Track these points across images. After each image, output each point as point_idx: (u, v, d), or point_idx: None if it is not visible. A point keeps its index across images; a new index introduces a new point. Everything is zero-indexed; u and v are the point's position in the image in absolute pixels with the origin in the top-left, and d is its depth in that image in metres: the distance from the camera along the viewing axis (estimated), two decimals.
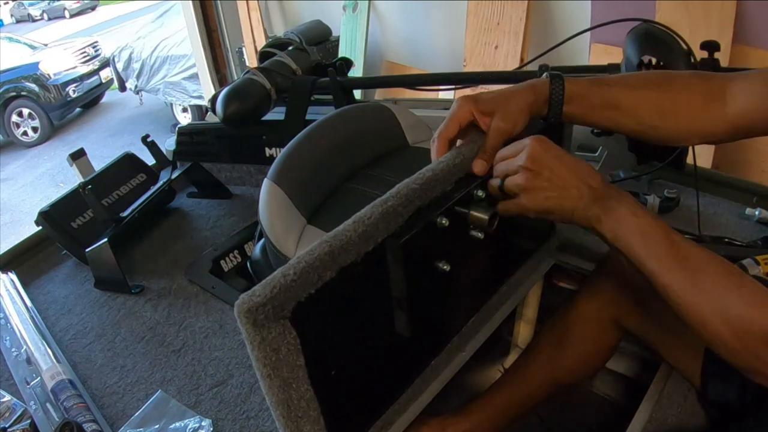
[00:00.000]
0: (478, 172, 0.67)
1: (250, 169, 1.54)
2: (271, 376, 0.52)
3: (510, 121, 0.67)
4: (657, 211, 1.17)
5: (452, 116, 0.69)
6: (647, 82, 0.72)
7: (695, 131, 0.70)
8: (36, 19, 12.31)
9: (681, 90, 0.70)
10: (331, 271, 0.54)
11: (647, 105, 0.70)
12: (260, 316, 0.49)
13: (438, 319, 0.78)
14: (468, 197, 0.66)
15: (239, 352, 1.00)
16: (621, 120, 0.71)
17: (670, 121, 0.70)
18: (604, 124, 0.73)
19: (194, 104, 5.09)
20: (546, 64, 1.18)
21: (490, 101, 0.68)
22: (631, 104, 0.70)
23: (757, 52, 2.04)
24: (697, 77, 0.71)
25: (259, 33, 3.71)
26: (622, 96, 0.70)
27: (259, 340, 0.50)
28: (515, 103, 0.68)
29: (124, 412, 0.91)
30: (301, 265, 0.51)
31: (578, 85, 0.70)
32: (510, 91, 0.69)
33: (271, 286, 0.49)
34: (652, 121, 0.70)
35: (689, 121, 0.69)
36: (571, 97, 0.69)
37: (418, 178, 0.62)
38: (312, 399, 0.57)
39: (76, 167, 1.26)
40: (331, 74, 1.38)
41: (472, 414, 0.99)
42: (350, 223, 0.56)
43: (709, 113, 0.68)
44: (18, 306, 1.14)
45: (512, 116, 0.67)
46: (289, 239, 0.88)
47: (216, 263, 1.25)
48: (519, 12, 2.61)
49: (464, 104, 0.68)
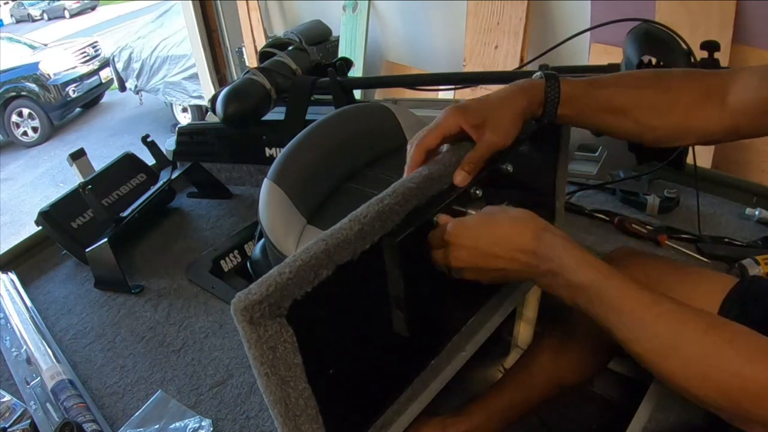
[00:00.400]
0: (458, 184, 0.64)
1: (250, 169, 1.54)
2: (268, 374, 0.52)
3: (501, 134, 0.64)
4: (657, 212, 1.17)
5: (436, 127, 0.65)
6: (643, 81, 0.70)
7: (693, 130, 0.68)
8: (36, 19, 12.31)
9: (678, 88, 0.68)
10: (328, 269, 0.54)
11: (644, 104, 0.68)
12: (256, 314, 0.49)
13: (437, 319, 0.78)
14: (465, 196, 0.65)
15: (239, 352, 1.00)
16: (618, 121, 0.69)
17: (668, 120, 0.68)
18: (600, 126, 0.71)
19: (194, 104, 5.09)
20: (546, 64, 1.18)
21: (480, 111, 0.65)
22: (628, 104, 0.68)
23: (757, 52, 2.04)
24: (694, 75, 0.70)
25: (259, 33, 3.72)
26: (618, 96, 0.68)
27: (255, 338, 0.50)
28: (507, 111, 0.65)
29: (124, 412, 0.91)
30: (297, 263, 0.51)
31: (574, 86, 0.68)
32: (500, 98, 0.66)
33: (267, 284, 0.49)
34: (649, 122, 0.68)
35: (687, 120, 0.68)
36: (567, 99, 0.67)
37: (414, 176, 0.62)
38: (310, 397, 0.57)
39: (76, 167, 1.26)
40: (331, 74, 1.38)
41: (473, 414, 0.99)
42: (346, 222, 0.56)
43: (708, 111, 0.67)
44: (18, 306, 1.14)
45: (504, 127, 0.64)
46: (289, 239, 0.88)
47: (216, 263, 1.25)
48: (519, 12, 2.61)
49: (452, 116, 0.65)
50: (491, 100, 0.66)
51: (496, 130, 0.64)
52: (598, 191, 1.28)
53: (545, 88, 0.67)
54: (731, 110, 0.65)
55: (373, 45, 3.37)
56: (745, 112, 0.64)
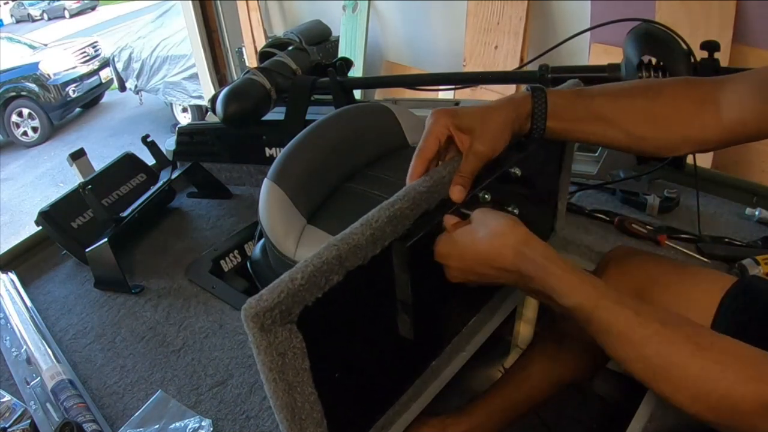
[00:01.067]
0: (456, 200, 0.62)
1: (250, 169, 1.54)
2: (276, 380, 0.52)
3: (488, 143, 0.63)
4: (657, 212, 1.17)
5: (429, 133, 0.65)
6: (634, 90, 0.68)
7: (687, 139, 0.66)
8: (36, 19, 12.31)
9: (670, 97, 0.66)
10: (339, 275, 0.53)
11: (635, 114, 0.66)
12: (267, 321, 0.48)
13: (440, 321, 0.78)
14: (474, 199, 0.65)
15: (239, 352, 1.00)
16: (608, 132, 0.67)
17: (661, 130, 0.66)
18: (591, 138, 0.69)
19: (194, 104, 5.09)
20: (546, 64, 1.18)
21: (468, 117, 0.64)
22: (618, 114, 0.66)
23: (757, 52, 2.04)
24: (686, 83, 0.68)
25: (259, 33, 3.72)
26: (608, 106, 0.66)
27: (265, 345, 0.49)
28: (495, 121, 0.64)
29: (124, 412, 0.91)
30: (309, 269, 0.50)
31: (561, 98, 0.66)
32: (489, 108, 0.65)
33: (278, 290, 0.48)
34: (641, 132, 0.66)
35: (681, 129, 0.66)
36: (555, 111, 0.66)
37: (425, 180, 0.62)
38: (316, 402, 0.57)
39: (76, 167, 1.26)
40: (331, 74, 1.38)
41: (473, 414, 0.99)
42: (358, 226, 0.55)
43: (702, 119, 0.65)
44: (18, 306, 1.14)
45: (491, 137, 0.63)
46: (289, 239, 0.88)
47: (216, 263, 1.25)
48: (519, 12, 2.61)
49: (440, 118, 0.64)
50: (480, 108, 0.65)
51: (483, 140, 0.63)
52: (598, 191, 1.28)
53: (531, 100, 0.65)
54: (728, 118, 0.64)
55: (373, 45, 3.38)
56: (740, 119, 0.63)
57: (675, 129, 0.66)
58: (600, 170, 1.27)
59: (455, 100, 1.48)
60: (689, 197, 1.17)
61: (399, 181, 0.96)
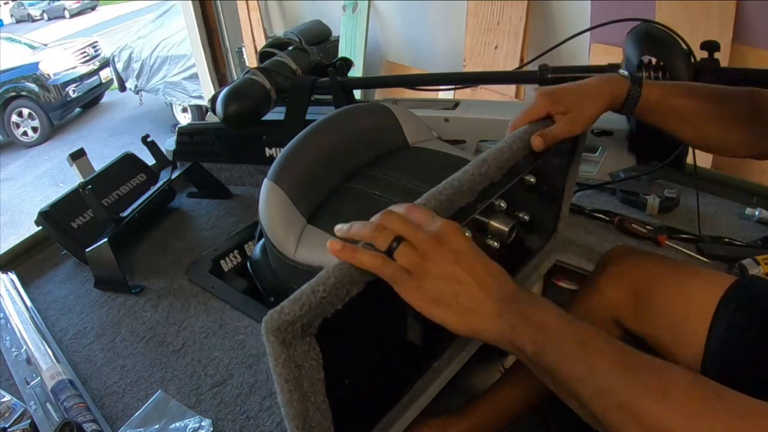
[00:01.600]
0: (536, 148, 0.67)
1: (250, 169, 1.54)
2: (292, 391, 0.51)
3: (580, 125, 0.70)
4: (657, 212, 1.17)
5: (526, 111, 0.71)
6: (709, 94, 0.76)
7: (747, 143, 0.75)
8: (36, 19, 12.32)
9: (735, 102, 0.74)
10: (359, 286, 0.52)
11: (706, 115, 0.74)
12: (289, 335, 0.47)
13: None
14: (490, 208, 0.66)
15: (239, 352, 1.00)
16: (682, 128, 0.75)
17: (724, 131, 0.74)
18: (664, 128, 0.77)
19: (194, 104, 5.09)
20: (546, 64, 1.18)
21: (567, 99, 0.70)
22: (694, 114, 0.74)
23: (757, 52, 2.04)
24: (750, 92, 0.75)
25: (259, 33, 3.72)
26: (690, 106, 0.74)
27: (284, 358, 0.48)
28: (592, 106, 0.71)
29: (124, 412, 0.91)
30: (331, 281, 0.49)
31: (653, 93, 0.73)
32: (588, 90, 0.72)
33: (300, 303, 0.47)
34: (706, 130, 0.75)
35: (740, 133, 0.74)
36: (645, 104, 0.73)
37: (445, 188, 0.61)
38: (326, 410, 0.57)
39: (76, 167, 1.26)
40: (331, 74, 1.38)
41: (473, 414, 0.99)
42: None
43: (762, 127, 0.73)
44: (18, 306, 1.14)
45: (584, 120, 0.70)
46: (289, 239, 0.88)
47: (216, 263, 1.25)
48: (519, 12, 2.61)
49: (540, 101, 0.70)
50: (580, 90, 0.72)
51: (576, 121, 0.70)
52: (598, 191, 1.28)
53: (629, 90, 0.73)
54: None
55: (373, 45, 3.38)
56: None
57: (737, 133, 0.75)
58: (600, 170, 1.28)
59: (455, 100, 1.48)
60: (689, 197, 1.17)
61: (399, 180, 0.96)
